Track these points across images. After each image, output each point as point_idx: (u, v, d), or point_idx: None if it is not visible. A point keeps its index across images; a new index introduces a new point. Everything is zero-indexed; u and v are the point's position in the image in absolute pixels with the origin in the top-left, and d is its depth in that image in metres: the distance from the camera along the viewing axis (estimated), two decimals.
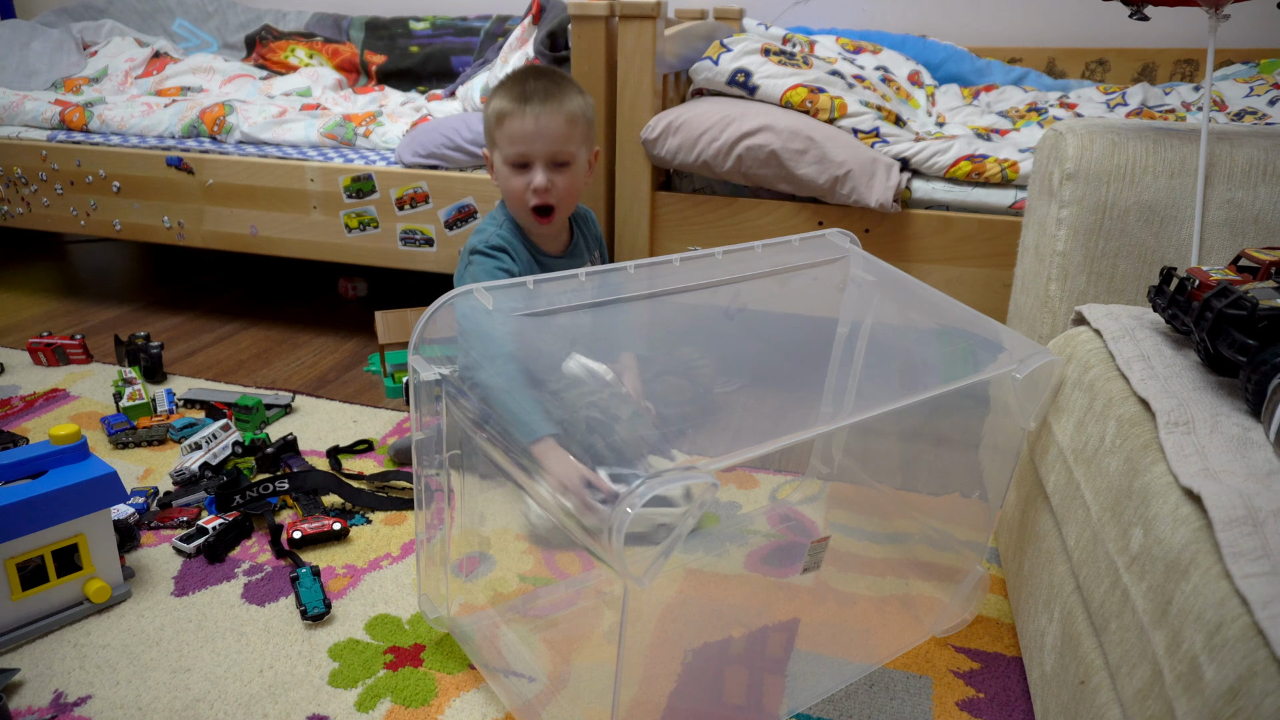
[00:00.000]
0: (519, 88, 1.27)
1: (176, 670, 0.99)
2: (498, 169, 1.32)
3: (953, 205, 1.51)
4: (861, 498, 1.27)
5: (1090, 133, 1.05)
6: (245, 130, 1.88)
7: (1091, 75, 2.20)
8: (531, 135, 1.26)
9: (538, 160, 1.27)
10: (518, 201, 1.30)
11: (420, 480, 0.95)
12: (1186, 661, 0.55)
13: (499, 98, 1.28)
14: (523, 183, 1.28)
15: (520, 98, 1.26)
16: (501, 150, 1.29)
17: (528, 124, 1.25)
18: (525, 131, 1.26)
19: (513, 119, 1.26)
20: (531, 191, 1.28)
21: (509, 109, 1.26)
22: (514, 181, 1.29)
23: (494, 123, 1.29)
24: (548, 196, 1.29)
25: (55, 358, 1.78)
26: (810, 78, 1.62)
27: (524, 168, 1.28)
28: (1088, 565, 0.75)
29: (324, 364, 1.83)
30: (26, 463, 1.05)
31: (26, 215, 2.05)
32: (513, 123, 1.26)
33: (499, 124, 1.27)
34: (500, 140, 1.28)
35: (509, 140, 1.27)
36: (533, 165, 1.27)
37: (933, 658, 1.03)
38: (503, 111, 1.27)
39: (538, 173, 1.27)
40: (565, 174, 1.29)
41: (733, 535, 1.25)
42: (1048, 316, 1.09)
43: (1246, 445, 0.67)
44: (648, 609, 1.02)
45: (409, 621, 1.07)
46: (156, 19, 2.68)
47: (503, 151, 1.29)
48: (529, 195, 1.28)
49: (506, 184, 1.30)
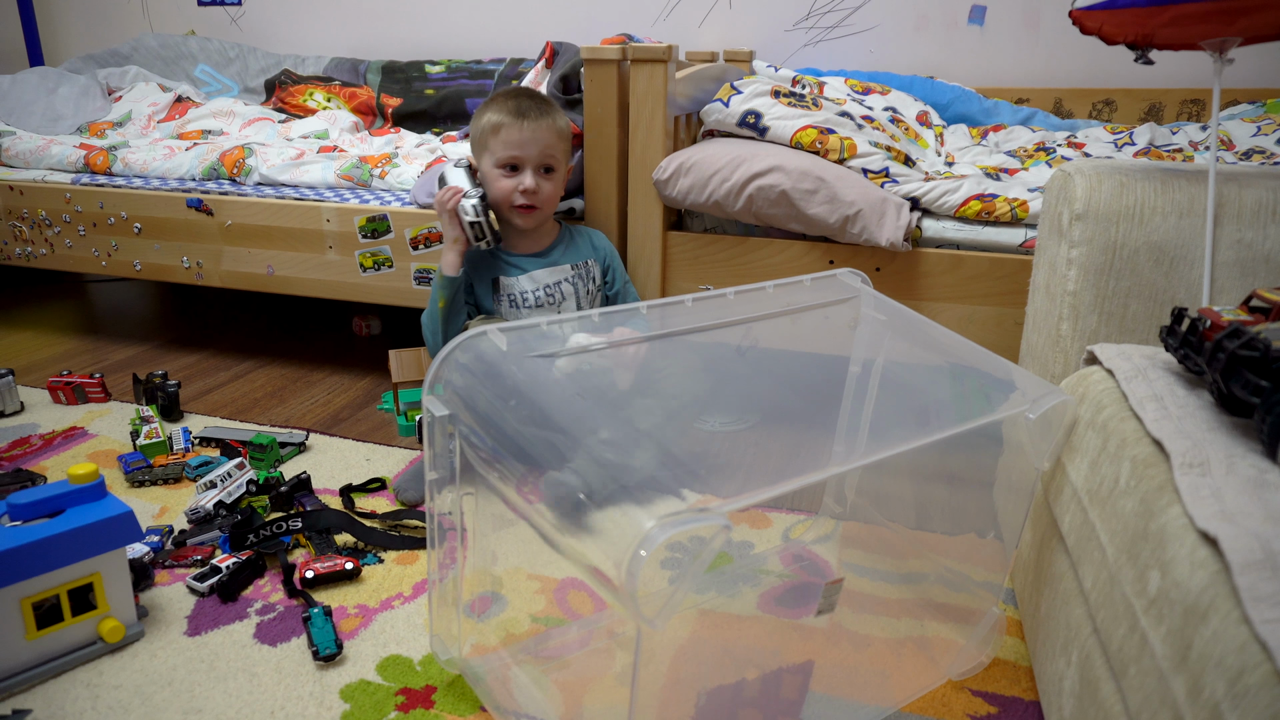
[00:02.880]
0: (513, 103, 1.47)
1: (188, 711, 0.99)
2: (486, 173, 1.51)
3: (963, 244, 1.52)
4: (875, 537, 1.26)
5: (1098, 173, 1.06)
6: (264, 172, 1.92)
7: (1099, 115, 2.22)
8: (525, 143, 1.47)
9: (528, 165, 1.48)
10: (504, 200, 1.50)
11: (433, 519, 0.95)
12: (1209, 709, 0.55)
13: (493, 111, 1.48)
14: (511, 184, 1.49)
15: (516, 111, 1.46)
16: (494, 155, 1.49)
17: (524, 133, 1.46)
18: (520, 139, 1.46)
19: (509, 129, 1.46)
20: (520, 191, 1.48)
21: (505, 120, 1.46)
22: (503, 183, 1.49)
23: (488, 131, 1.48)
24: (534, 197, 1.49)
25: (74, 396, 1.80)
26: (820, 119, 1.64)
27: (514, 170, 1.49)
28: (1105, 608, 0.74)
29: (338, 402, 1.85)
30: (44, 502, 1.05)
31: (50, 256, 2.09)
32: (509, 132, 1.46)
33: (494, 133, 1.47)
34: (494, 146, 1.48)
35: (504, 146, 1.47)
36: (522, 169, 1.48)
37: (949, 701, 1.01)
38: (499, 123, 1.47)
39: (527, 175, 1.48)
40: (550, 179, 1.50)
41: (746, 575, 1.24)
42: (1060, 356, 1.09)
43: (1263, 487, 0.67)
44: (661, 650, 1.01)
45: (421, 662, 1.07)
46: (179, 64, 2.75)
47: (495, 156, 1.48)
48: (515, 195, 1.49)
49: (496, 184, 1.50)
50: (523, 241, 1.56)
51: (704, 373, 1.22)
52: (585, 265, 1.59)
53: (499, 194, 1.49)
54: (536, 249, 1.57)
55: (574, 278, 1.57)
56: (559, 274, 1.56)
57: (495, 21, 2.63)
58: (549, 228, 1.59)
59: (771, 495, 0.74)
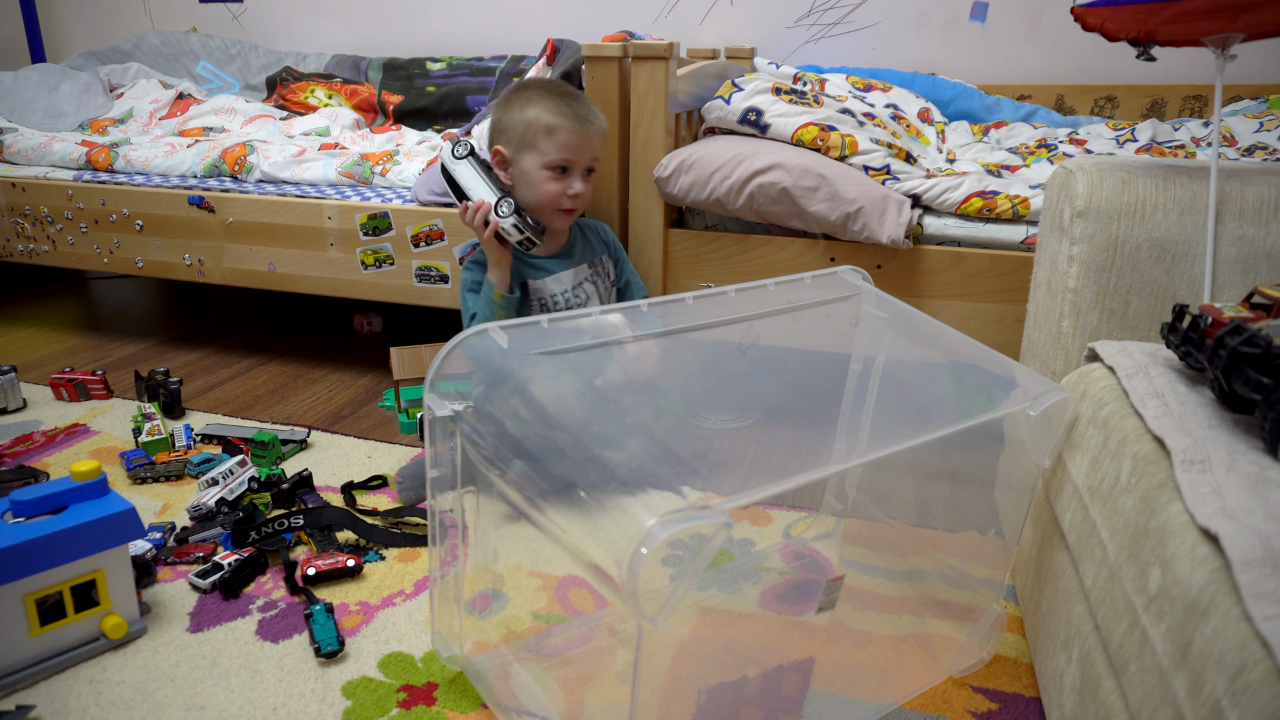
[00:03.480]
0: (567, 105, 1.42)
1: (190, 708, 0.99)
2: (528, 172, 1.44)
3: (964, 241, 1.52)
4: (876, 535, 1.26)
5: (1100, 170, 1.06)
6: (265, 169, 1.92)
7: (1100, 111, 2.22)
8: (580, 146, 1.42)
9: (579, 169, 1.44)
10: (550, 203, 1.44)
11: (434, 517, 0.95)
12: (1209, 706, 0.55)
13: (544, 110, 1.41)
14: (560, 188, 1.43)
15: (574, 115, 1.41)
16: (543, 156, 1.42)
17: (581, 138, 1.42)
18: (575, 143, 1.42)
19: (567, 132, 1.41)
20: (569, 196, 1.44)
21: (562, 124, 1.41)
22: (551, 186, 1.43)
23: (538, 131, 1.41)
24: (579, 202, 1.46)
25: (77, 393, 1.80)
26: (821, 116, 1.64)
27: (563, 173, 1.43)
28: (1106, 605, 0.74)
29: (339, 399, 1.85)
30: (47, 499, 1.06)
31: (52, 253, 2.09)
32: (567, 135, 1.41)
33: (548, 134, 1.41)
34: (545, 147, 1.42)
35: (558, 148, 1.41)
36: (572, 172, 1.43)
37: (950, 698, 1.02)
38: (554, 125, 1.41)
39: (576, 180, 1.44)
40: (590, 183, 1.48)
41: (747, 573, 1.25)
42: (1061, 353, 1.09)
43: (1264, 484, 0.67)
44: (662, 648, 1.01)
45: (422, 659, 1.07)
46: (181, 62, 2.75)
47: (545, 157, 1.42)
48: (564, 199, 1.44)
49: (541, 187, 1.43)
50: (546, 242, 1.50)
51: (705, 370, 1.22)
52: (601, 262, 1.56)
53: (545, 196, 1.43)
54: (557, 249, 1.53)
55: (593, 276, 1.55)
56: (580, 274, 1.54)
57: (497, 19, 2.63)
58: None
59: (772, 493, 0.74)
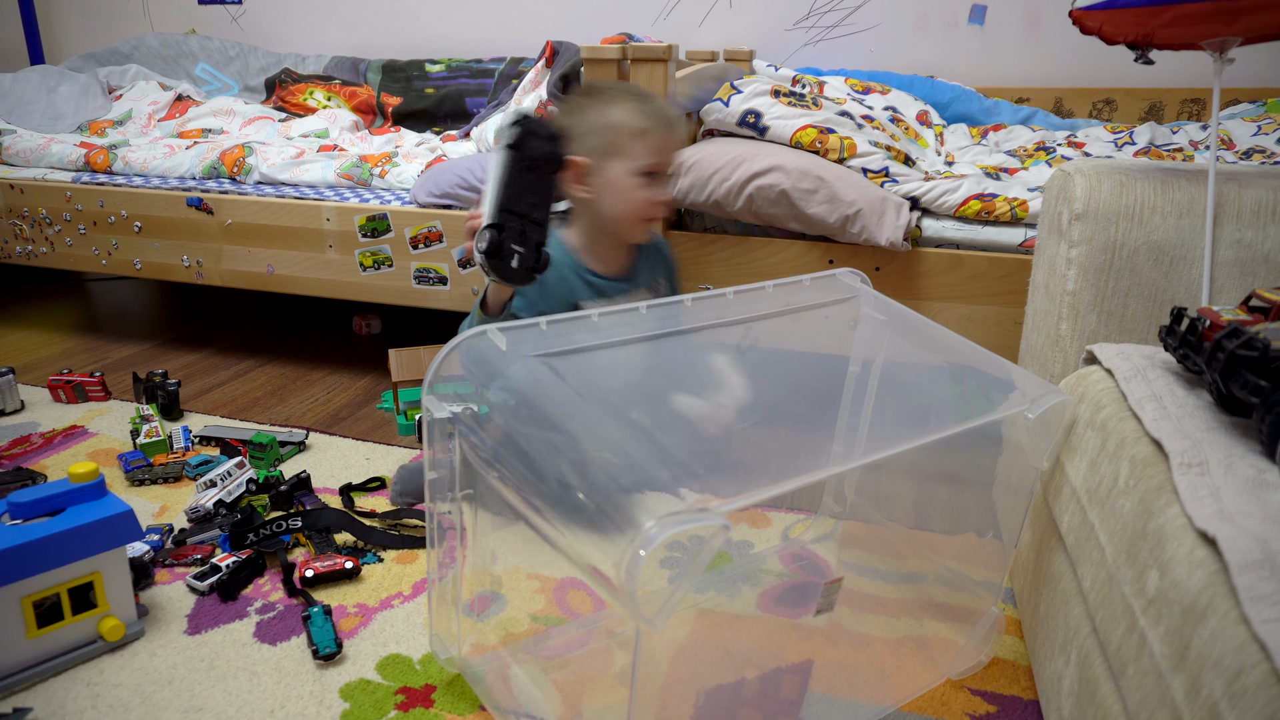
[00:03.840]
0: (650, 105, 1.31)
1: (188, 710, 0.99)
2: (615, 180, 1.30)
3: (963, 244, 1.52)
4: (875, 537, 1.26)
5: (1098, 173, 1.06)
6: (264, 171, 1.92)
7: (1099, 115, 2.22)
8: (669, 149, 1.31)
9: (664, 174, 1.32)
10: (637, 212, 1.31)
11: (433, 519, 0.95)
12: (1207, 708, 0.55)
13: (629, 113, 1.29)
14: (650, 195, 1.30)
15: (659, 115, 1.30)
16: (634, 161, 1.29)
17: (668, 139, 1.30)
18: (665, 145, 1.30)
19: (659, 135, 1.29)
20: (656, 204, 1.31)
21: (653, 126, 1.29)
22: (643, 192, 1.30)
23: (627, 135, 1.29)
24: (664, 210, 1.34)
25: (74, 395, 1.80)
26: (820, 118, 1.64)
27: (651, 178, 1.30)
28: (1104, 608, 0.74)
29: (337, 401, 1.85)
30: (45, 500, 1.06)
31: (50, 255, 2.09)
32: (659, 138, 1.29)
33: (640, 137, 1.28)
34: (636, 151, 1.29)
35: (649, 151, 1.29)
36: (660, 179, 1.31)
37: (949, 701, 1.02)
38: (645, 128, 1.28)
39: (665, 186, 1.32)
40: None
41: (745, 575, 1.25)
42: (1059, 355, 1.09)
43: (1262, 487, 0.67)
44: (660, 650, 1.01)
45: (420, 661, 1.07)
46: (180, 63, 2.75)
47: (637, 162, 1.29)
48: (653, 207, 1.31)
49: (631, 194, 1.30)
50: (609, 256, 1.36)
51: (703, 370, 1.22)
52: (658, 285, 1.43)
53: (635, 205, 1.30)
54: (620, 270, 1.38)
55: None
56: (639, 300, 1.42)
57: (495, 21, 2.63)
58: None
59: (771, 494, 0.74)
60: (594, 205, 1.32)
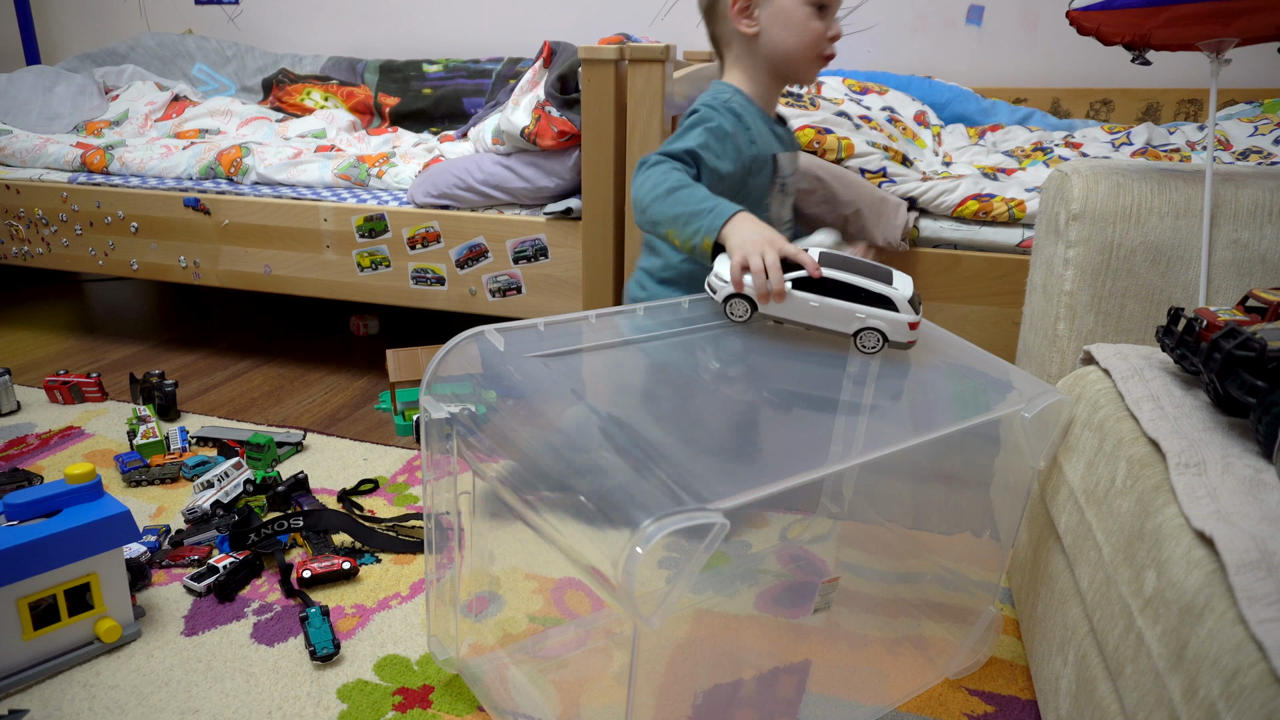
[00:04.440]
0: None
1: (185, 711, 0.99)
2: (786, 11, 1.21)
3: (960, 244, 1.52)
4: (872, 537, 1.26)
5: (1095, 174, 1.06)
6: (261, 171, 1.92)
7: (1096, 115, 2.22)
8: None
9: (834, 6, 1.22)
10: (811, 48, 1.22)
11: (430, 519, 0.95)
12: (1204, 708, 0.55)
13: None
14: (823, 27, 1.21)
15: None
16: None
17: None
18: None
19: None
20: (830, 39, 1.22)
21: None
22: (816, 24, 1.21)
23: None
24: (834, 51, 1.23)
25: (71, 396, 1.80)
26: (817, 119, 1.64)
27: (822, 11, 1.21)
28: (1101, 608, 0.74)
29: (335, 402, 1.84)
30: (41, 501, 1.05)
31: (46, 255, 2.09)
32: None
33: None
34: None
35: None
36: (830, 10, 1.22)
37: (946, 700, 1.02)
38: None
39: (835, 20, 1.22)
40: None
41: (743, 575, 1.25)
42: (1056, 356, 1.09)
43: (1259, 487, 0.67)
44: (658, 650, 1.01)
45: (418, 662, 1.07)
46: (176, 63, 2.74)
47: None
48: (825, 43, 1.22)
49: (805, 27, 1.20)
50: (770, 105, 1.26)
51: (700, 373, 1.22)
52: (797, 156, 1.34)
53: (808, 40, 1.20)
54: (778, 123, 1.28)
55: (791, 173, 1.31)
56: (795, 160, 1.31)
57: (493, 21, 2.63)
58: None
59: (768, 494, 0.74)
60: (760, 42, 1.23)
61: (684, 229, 1.07)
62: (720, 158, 1.20)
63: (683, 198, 1.08)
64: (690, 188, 1.09)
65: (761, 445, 0.97)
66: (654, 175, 1.13)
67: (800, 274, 0.96)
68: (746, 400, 1.08)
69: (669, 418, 1.18)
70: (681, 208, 1.08)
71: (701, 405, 1.23)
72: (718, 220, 1.03)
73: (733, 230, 1.01)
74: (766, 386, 1.07)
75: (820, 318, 0.98)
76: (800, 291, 0.97)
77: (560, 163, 1.68)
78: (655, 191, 1.11)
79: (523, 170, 1.70)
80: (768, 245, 0.97)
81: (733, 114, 1.23)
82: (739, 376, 1.14)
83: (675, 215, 1.08)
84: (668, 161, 1.15)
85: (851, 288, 0.96)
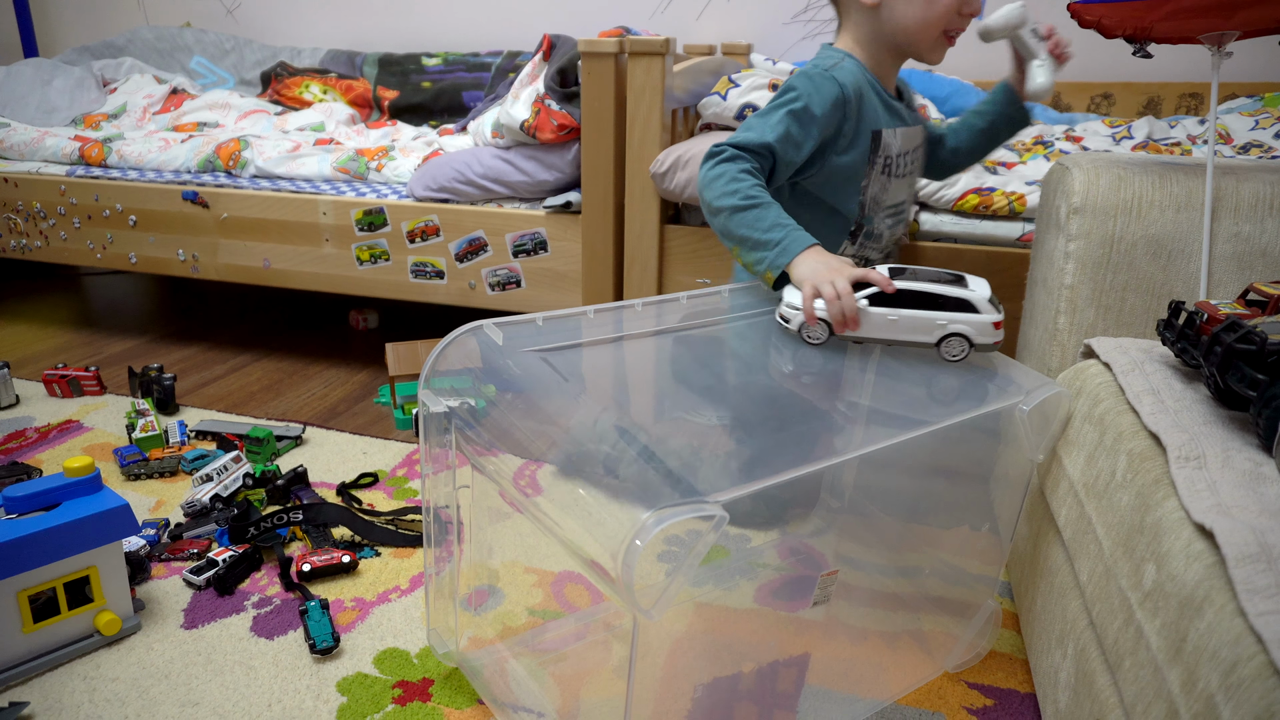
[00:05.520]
0: None
1: (185, 704, 0.99)
2: None
3: (960, 238, 1.52)
4: (871, 531, 1.26)
5: (1096, 167, 1.06)
6: (260, 165, 1.91)
7: (1097, 109, 2.22)
8: None
9: None
10: (939, 20, 1.10)
11: (430, 513, 0.95)
12: (1203, 700, 0.55)
13: None
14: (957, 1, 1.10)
15: None
16: None
17: None
18: None
19: None
20: (962, 14, 1.11)
21: None
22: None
23: None
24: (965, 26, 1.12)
25: (70, 389, 1.80)
26: None
27: None
28: (1101, 601, 0.74)
29: (334, 395, 1.84)
30: (40, 495, 1.05)
31: (44, 248, 2.08)
32: None
33: None
34: None
35: None
36: None
37: (945, 694, 1.02)
38: None
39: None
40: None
41: (742, 568, 1.25)
42: (1057, 349, 1.09)
43: (1259, 480, 0.67)
44: (657, 643, 1.01)
45: (417, 655, 1.07)
46: (175, 56, 2.74)
47: None
48: (958, 19, 1.11)
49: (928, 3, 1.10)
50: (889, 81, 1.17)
51: (700, 366, 1.22)
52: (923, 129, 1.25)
53: (938, 12, 1.09)
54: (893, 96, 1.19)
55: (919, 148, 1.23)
56: (915, 138, 1.21)
57: (492, 14, 2.62)
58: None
59: (766, 487, 0.73)
60: (881, 13, 1.13)
61: (749, 254, 1.04)
62: (800, 147, 1.11)
63: (750, 220, 1.03)
64: (760, 209, 1.03)
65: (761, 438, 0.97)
66: (725, 177, 1.06)
67: (873, 291, 0.95)
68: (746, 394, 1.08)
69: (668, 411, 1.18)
70: (749, 231, 1.03)
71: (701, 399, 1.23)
72: (782, 258, 1.00)
73: (798, 265, 0.99)
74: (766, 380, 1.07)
75: (900, 331, 0.96)
76: (877, 308, 0.95)
77: (560, 156, 1.68)
78: (724, 201, 1.05)
79: (522, 164, 1.70)
80: (835, 273, 0.95)
81: (835, 83, 1.12)
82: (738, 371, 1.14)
83: (742, 237, 1.04)
84: (742, 159, 1.07)
85: (928, 296, 0.95)
